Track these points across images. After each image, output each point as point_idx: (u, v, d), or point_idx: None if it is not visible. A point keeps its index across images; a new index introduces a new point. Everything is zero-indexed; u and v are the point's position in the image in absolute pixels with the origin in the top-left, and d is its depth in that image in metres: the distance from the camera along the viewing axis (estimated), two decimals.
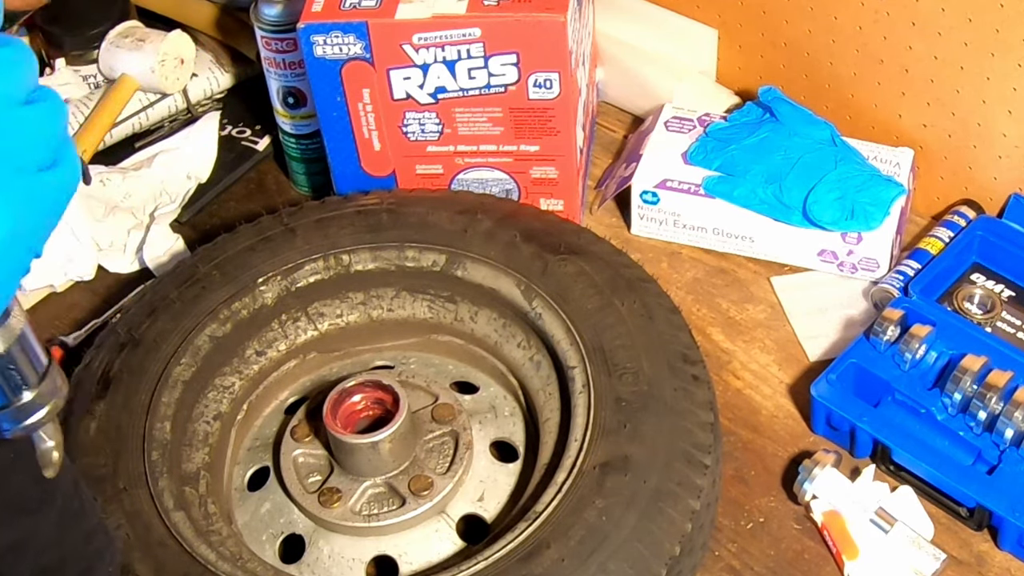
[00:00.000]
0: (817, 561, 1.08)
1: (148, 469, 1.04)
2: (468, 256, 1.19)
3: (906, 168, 1.31)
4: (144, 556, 0.98)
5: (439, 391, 1.17)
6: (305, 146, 1.44)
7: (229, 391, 1.17)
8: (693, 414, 1.04)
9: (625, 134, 1.51)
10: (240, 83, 1.59)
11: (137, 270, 1.40)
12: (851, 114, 1.39)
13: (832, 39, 1.37)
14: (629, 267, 1.17)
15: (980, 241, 1.28)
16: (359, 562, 1.07)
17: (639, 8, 1.51)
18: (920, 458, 1.10)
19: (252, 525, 1.11)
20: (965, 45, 1.25)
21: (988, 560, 1.07)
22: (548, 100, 1.24)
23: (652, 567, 0.95)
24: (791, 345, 1.26)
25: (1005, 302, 1.25)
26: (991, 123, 1.27)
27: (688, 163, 1.35)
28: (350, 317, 1.23)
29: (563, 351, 1.12)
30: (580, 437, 1.03)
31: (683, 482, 0.99)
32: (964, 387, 1.10)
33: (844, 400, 1.14)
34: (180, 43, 1.50)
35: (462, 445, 1.12)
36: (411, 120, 1.28)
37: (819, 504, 1.09)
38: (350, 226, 1.22)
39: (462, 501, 1.10)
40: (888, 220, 1.25)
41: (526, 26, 1.19)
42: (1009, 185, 1.30)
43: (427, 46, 1.22)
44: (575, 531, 0.96)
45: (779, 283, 1.32)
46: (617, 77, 1.51)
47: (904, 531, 1.06)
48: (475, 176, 1.33)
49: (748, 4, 1.43)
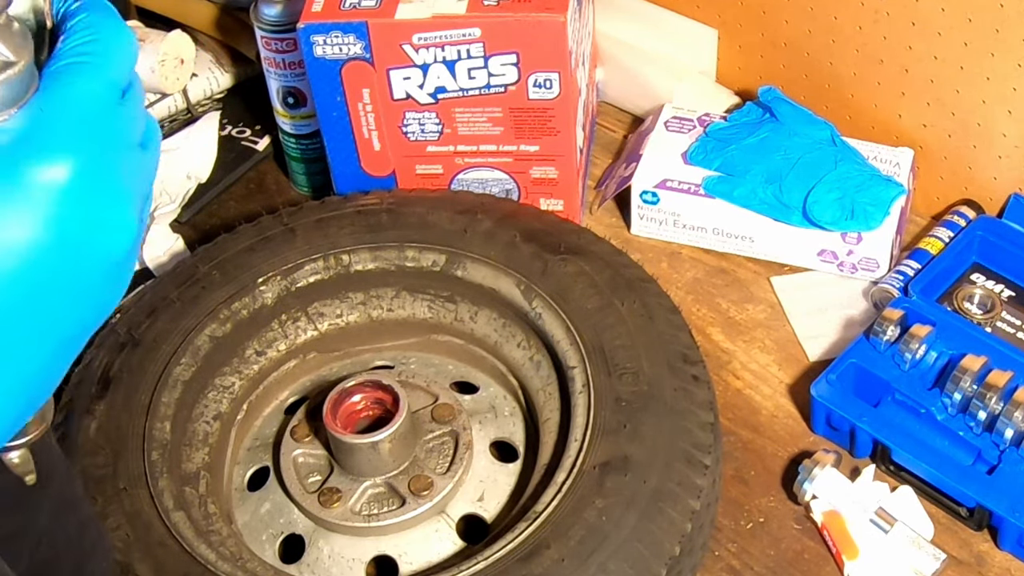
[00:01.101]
0: (817, 561, 1.08)
1: (148, 469, 1.04)
2: (468, 256, 1.19)
3: (906, 168, 1.31)
4: (144, 556, 0.98)
5: (439, 391, 1.17)
6: (305, 146, 1.44)
7: (229, 391, 1.17)
8: (693, 414, 1.04)
9: (625, 134, 1.51)
10: (240, 83, 1.59)
11: (137, 270, 1.40)
12: (851, 114, 1.39)
13: (832, 39, 1.37)
14: (629, 267, 1.17)
15: (980, 241, 1.28)
16: (359, 562, 1.07)
17: (639, 8, 1.51)
18: (920, 458, 1.10)
19: (252, 525, 1.11)
20: (965, 45, 1.25)
21: (988, 560, 1.07)
22: (548, 100, 1.24)
23: (652, 567, 0.95)
24: (791, 345, 1.26)
25: (1005, 302, 1.25)
26: (991, 123, 1.27)
27: (688, 163, 1.35)
28: (350, 317, 1.23)
29: (563, 351, 1.12)
30: (580, 437, 1.03)
31: (683, 482, 0.99)
32: (964, 387, 1.10)
33: (844, 400, 1.14)
34: (180, 43, 1.50)
35: (462, 445, 1.12)
36: (411, 120, 1.28)
37: (819, 504, 1.09)
38: (350, 226, 1.22)
39: (462, 501, 1.10)
40: (888, 220, 1.25)
41: (526, 26, 1.19)
42: (1009, 185, 1.30)
43: (427, 46, 1.22)
44: (575, 531, 0.96)
45: (779, 283, 1.32)
46: (617, 77, 1.51)
47: (904, 531, 1.06)
48: (475, 176, 1.33)
49: (748, 4, 1.43)
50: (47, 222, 0.47)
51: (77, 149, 0.48)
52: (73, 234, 0.48)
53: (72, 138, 0.49)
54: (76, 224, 0.48)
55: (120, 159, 0.51)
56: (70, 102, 0.49)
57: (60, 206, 0.48)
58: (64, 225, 0.48)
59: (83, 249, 0.49)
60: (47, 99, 0.49)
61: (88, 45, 0.51)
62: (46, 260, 0.48)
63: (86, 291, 0.50)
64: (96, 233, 0.49)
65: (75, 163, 0.48)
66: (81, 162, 0.48)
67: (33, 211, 0.47)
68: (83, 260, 0.49)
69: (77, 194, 0.48)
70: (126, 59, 0.53)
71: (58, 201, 0.48)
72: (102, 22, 0.53)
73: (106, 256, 0.50)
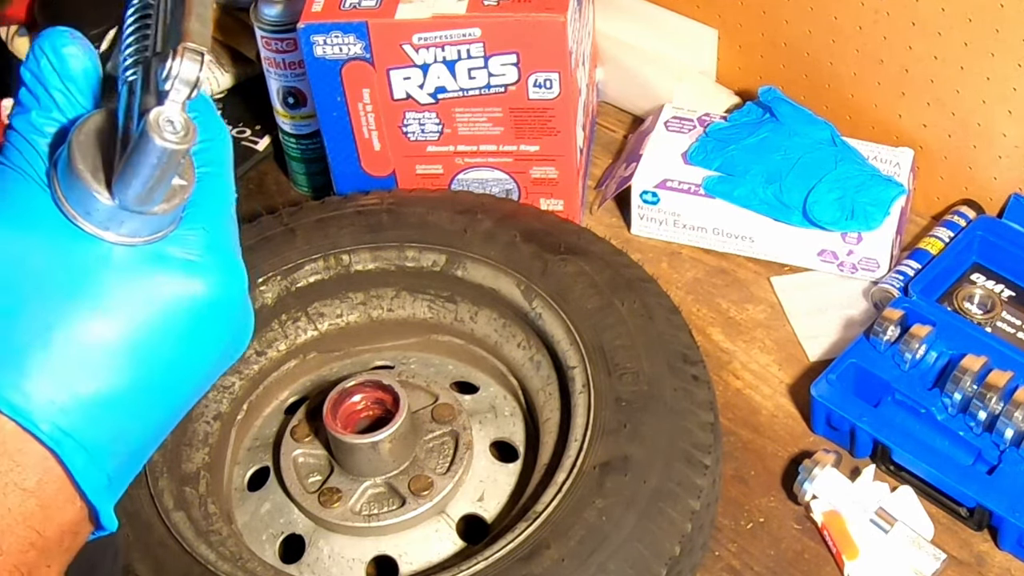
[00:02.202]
0: (817, 561, 1.08)
1: (148, 469, 1.04)
2: (468, 256, 1.19)
3: (906, 168, 1.31)
4: (144, 556, 0.98)
5: (439, 391, 1.17)
6: (305, 146, 1.44)
7: (229, 391, 1.17)
8: (693, 414, 1.04)
9: (625, 134, 1.51)
10: (240, 83, 1.59)
11: None
12: (851, 114, 1.39)
13: (832, 39, 1.37)
14: (629, 267, 1.17)
15: (980, 241, 1.28)
16: (359, 562, 1.07)
17: (639, 8, 1.51)
18: (920, 458, 1.10)
19: (252, 525, 1.11)
20: (965, 45, 1.25)
21: (988, 560, 1.07)
22: (548, 100, 1.24)
23: (652, 567, 0.95)
24: (791, 345, 1.26)
25: (1005, 302, 1.25)
26: (991, 123, 1.27)
27: (688, 163, 1.35)
28: (350, 317, 1.23)
29: (563, 351, 1.12)
30: (580, 437, 1.03)
31: (683, 482, 0.99)
32: (964, 387, 1.10)
33: (844, 400, 1.14)
34: None
35: (462, 445, 1.12)
36: (411, 120, 1.28)
37: (819, 504, 1.09)
38: (350, 226, 1.22)
39: (462, 501, 1.10)
40: (888, 220, 1.25)
41: (526, 26, 1.19)
42: (1009, 185, 1.30)
43: (427, 46, 1.22)
44: (575, 531, 0.96)
45: (779, 283, 1.32)
46: (617, 77, 1.51)
47: (904, 531, 1.06)
48: (475, 176, 1.33)
49: (748, 4, 1.43)
50: (198, 325, 0.56)
51: (229, 264, 0.58)
52: (213, 306, 0.57)
53: (226, 253, 0.58)
54: (219, 328, 0.57)
55: (236, 237, 0.60)
56: (221, 221, 0.58)
57: (213, 311, 0.57)
58: (212, 328, 0.57)
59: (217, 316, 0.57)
60: (202, 219, 0.57)
61: (211, 152, 0.58)
62: (195, 325, 0.56)
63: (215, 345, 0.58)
64: (226, 336, 0.59)
65: (228, 276, 0.58)
66: (232, 276, 0.58)
67: (196, 313, 0.56)
68: (218, 324, 0.57)
69: (225, 304, 0.57)
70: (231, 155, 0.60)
71: (212, 309, 0.57)
72: (211, 121, 0.59)
73: (231, 307, 0.58)
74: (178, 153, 0.51)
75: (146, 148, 0.50)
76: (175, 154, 0.50)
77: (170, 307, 0.54)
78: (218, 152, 0.58)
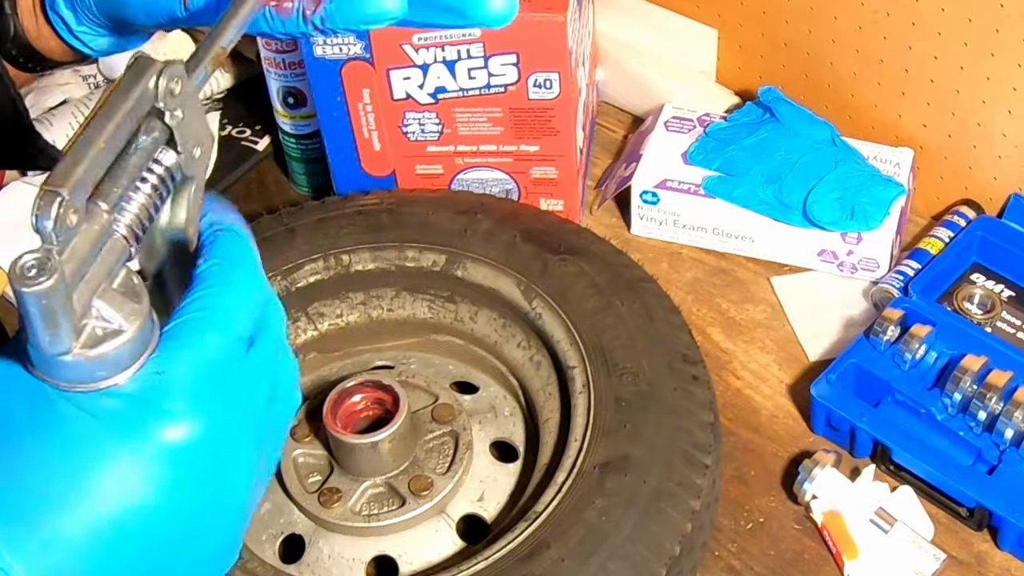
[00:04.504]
0: (817, 561, 1.08)
1: None
2: (468, 256, 1.19)
3: (906, 168, 1.31)
4: None
5: (439, 391, 1.17)
6: (305, 146, 1.44)
7: None
8: (693, 414, 1.04)
9: (625, 134, 1.51)
10: (240, 83, 1.59)
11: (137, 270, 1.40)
12: (851, 114, 1.39)
13: (832, 39, 1.37)
14: (629, 267, 1.17)
15: (980, 241, 1.28)
16: (359, 562, 1.07)
17: (639, 8, 1.51)
18: (920, 458, 1.10)
19: (252, 525, 1.11)
20: (965, 45, 1.25)
21: (988, 560, 1.07)
22: (548, 100, 1.24)
23: (652, 567, 0.95)
24: (791, 345, 1.26)
25: (1005, 302, 1.25)
26: (991, 123, 1.27)
27: (688, 163, 1.35)
28: (350, 317, 1.24)
29: (563, 351, 1.12)
30: (580, 437, 1.03)
31: (683, 482, 0.99)
32: (964, 387, 1.10)
33: (844, 400, 1.14)
34: (180, 43, 1.50)
35: (462, 445, 1.12)
36: (411, 120, 1.28)
37: (819, 504, 1.09)
38: (350, 226, 1.22)
39: (462, 501, 1.10)
40: (888, 220, 1.26)
41: (526, 26, 1.19)
42: (1009, 185, 1.30)
43: (427, 46, 1.22)
44: (575, 531, 0.96)
45: (779, 283, 1.32)
46: (617, 77, 1.51)
47: (904, 531, 1.06)
48: (475, 176, 1.33)
49: (748, 4, 1.43)
50: (163, 483, 0.47)
51: (195, 411, 0.48)
52: (191, 493, 0.48)
53: (189, 400, 0.48)
54: (193, 484, 0.48)
55: (242, 414, 0.50)
56: (187, 363, 0.49)
57: (177, 468, 0.47)
58: (182, 486, 0.48)
59: (201, 505, 0.49)
60: (164, 360, 0.49)
61: (211, 298, 0.51)
62: (164, 518, 0.47)
63: (202, 538, 0.50)
64: (214, 489, 0.49)
65: (193, 426, 0.48)
66: (200, 423, 0.48)
67: (151, 472, 0.47)
68: (200, 514, 0.49)
69: (194, 456, 0.48)
70: (250, 310, 0.52)
71: (175, 463, 0.47)
72: (231, 271, 0.52)
73: (224, 507, 0.50)
74: (45, 296, 0.46)
75: (18, 295, 0.46)
76: (42, 297, 0.46)
77: (127, 461, 0.47)
78: (223, 300, 0.51)
